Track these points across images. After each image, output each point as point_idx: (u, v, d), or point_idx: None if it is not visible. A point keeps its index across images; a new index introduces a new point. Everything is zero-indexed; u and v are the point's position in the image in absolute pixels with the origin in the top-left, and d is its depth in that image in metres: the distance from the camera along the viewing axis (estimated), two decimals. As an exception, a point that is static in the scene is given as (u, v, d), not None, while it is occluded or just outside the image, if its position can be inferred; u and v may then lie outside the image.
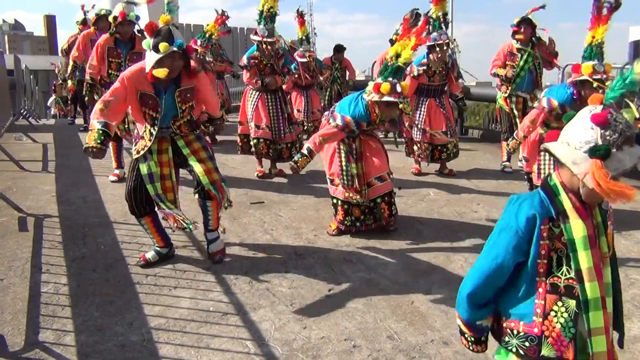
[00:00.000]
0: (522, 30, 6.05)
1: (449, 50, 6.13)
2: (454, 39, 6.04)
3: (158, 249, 3.68)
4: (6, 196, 4.67)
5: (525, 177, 4.97)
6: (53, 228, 4.26)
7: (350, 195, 4.16)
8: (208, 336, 2.79)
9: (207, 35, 7.02)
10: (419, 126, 6.20)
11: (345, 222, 4.26)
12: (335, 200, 4.29)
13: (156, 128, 3.45)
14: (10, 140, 7.77)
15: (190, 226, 3.44)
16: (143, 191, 3.46)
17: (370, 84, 3.98)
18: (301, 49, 7.72)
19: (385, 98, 3.84)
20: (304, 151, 4.04)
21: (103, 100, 3.38)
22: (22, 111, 10.59)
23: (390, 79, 3.87)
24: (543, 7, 5.93)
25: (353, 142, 4.19)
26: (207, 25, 6.99)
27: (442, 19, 6.00)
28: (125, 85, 3.37)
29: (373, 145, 4.28)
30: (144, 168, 3.43)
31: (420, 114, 6.22)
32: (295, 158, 4.05)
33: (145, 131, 3.50)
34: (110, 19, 5.47)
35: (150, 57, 3.31)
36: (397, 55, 3.90)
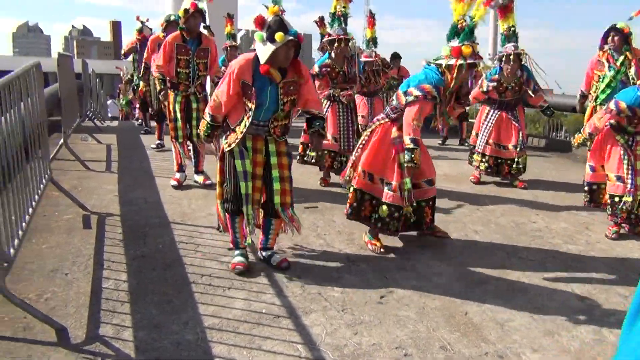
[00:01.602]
0: (612, 39, 5.73)
1: (523, 61, 5.84)
2: (523, 50, 5.69)
3: (243, 251, 3.71)
4: (72, 195, 4.87)
5: (586, 188, 4.75)
6: (115, 226, 4.41)
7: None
8: (260, 338, 2.82)
9: None
10: (484, 137, 6.08)
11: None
12: (394, 210, 3.95)
13: (250, 119, 3.45)
14: (77, 140, 8.11)
15: (247, 244, 3.67)
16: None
17: (445, 49, 3.83)
18: (367, 50, 7.64)
19: (470, 60, 3.75)
20: (410, 145, 3.80)
21: (215, 93, 3.54)
22: (88, 113, 11.03)
23: (467, 42, 3.77)
24: None
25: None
26: None
27: (509, 32, 5.81)
28: (232, 78, 3.41)
29: (423, 149, 4.07)
30: (239, 165, 3.47)
31: (487, 125, 6.09)
32: (407, 157, 3.82)
33: (239, 124, 3.50)
34: (180, 12, 5.40)
35: (265, 49, 3.30)
36: (465, 16, 3.81)
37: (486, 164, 6.15)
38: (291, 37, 3.29)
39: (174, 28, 5.95)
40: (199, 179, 5.83)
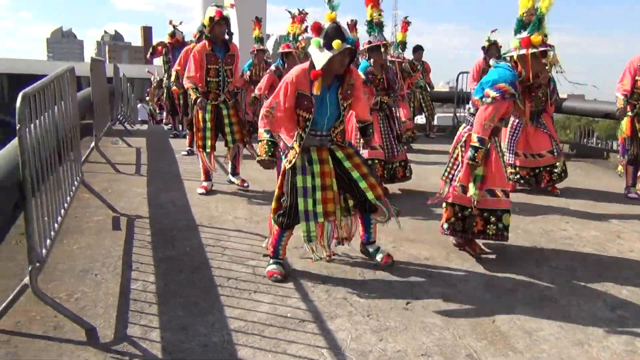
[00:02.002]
0: None
1: (552, 72, 5.73)
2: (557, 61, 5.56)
3: (280, 261, 3.69)
4: (103, 197, 4.96)
5: None
6: (143, 229, 4.48)
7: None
8: (285, 342, 2.83)
9: (292, 37, 6.99)
10: (512, 149, 5.99)
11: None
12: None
13: (307, 130, 3.45)
14: (108, 143, 8.25)
15: (319, 258, 3.65)
16: None
17: (514, 41, 3.79)
18: (396, 52, 7.61)
19: (541, 48, 3.73)
20: (476, 144, 3.75)
21: (266, 106, 3.48)
22: (119, 117, 11.22)
23: (536, 32, 3.74)
24: None
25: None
26: (288, 28, 7.00)
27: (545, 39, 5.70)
28: (288, 89, 3.40)
29: (497, 157, 3.96)
30: (300, 180, 3.44)
31: (514, 136, 5.99)
32: (470, 154, 3.79)
33: (295, 139, 3.51)
34: (205, 21, 5.41)
35: (322, 56, 3.29)
36: (530, 8, 3.78)
37: (517, 176, 6.04)
38: (348, 45, 3.29)
39: None
40: (237, 180, 5.88)
